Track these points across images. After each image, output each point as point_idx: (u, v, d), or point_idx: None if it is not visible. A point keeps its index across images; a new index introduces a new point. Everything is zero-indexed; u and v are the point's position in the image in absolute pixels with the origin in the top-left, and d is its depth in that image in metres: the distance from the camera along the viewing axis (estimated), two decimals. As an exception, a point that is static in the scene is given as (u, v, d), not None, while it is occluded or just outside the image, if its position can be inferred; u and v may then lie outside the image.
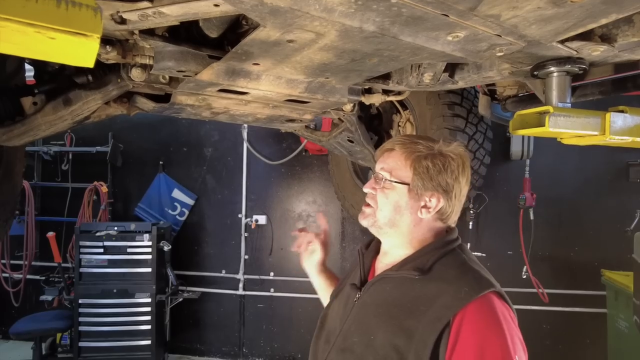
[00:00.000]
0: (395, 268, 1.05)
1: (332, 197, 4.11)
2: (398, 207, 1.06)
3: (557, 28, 0.89)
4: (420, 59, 1.15)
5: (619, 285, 3.09)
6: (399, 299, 0.98)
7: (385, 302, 1.01)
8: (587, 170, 3.89)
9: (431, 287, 0.95)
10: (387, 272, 1.06)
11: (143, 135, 4.69)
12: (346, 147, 2.36)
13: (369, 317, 1.02)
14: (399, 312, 0.96)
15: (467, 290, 0.91)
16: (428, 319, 0.90)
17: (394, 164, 1.07)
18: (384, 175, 1.07)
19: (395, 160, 1.07)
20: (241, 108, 1.66)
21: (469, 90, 2.19)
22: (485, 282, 0.94)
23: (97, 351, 3.87)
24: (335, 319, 1.14)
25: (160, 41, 1.19)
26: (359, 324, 1.03)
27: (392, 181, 1.06)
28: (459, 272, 0.97)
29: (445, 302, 0.90)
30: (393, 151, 1.09)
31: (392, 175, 1.06)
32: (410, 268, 1.00)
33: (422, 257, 1.02)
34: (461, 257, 1.02)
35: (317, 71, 1.27)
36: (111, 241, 3.92)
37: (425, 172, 1.03)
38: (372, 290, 1.07)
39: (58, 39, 0.52)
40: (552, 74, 1.22)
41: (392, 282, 1.03)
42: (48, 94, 1.53)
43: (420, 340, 0.89)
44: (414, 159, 1.05)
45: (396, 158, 1.07)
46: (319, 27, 0.91)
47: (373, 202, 1.09)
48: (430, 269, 0.99)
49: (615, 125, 1.17)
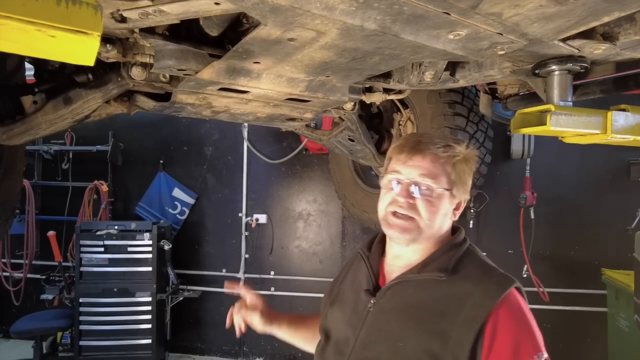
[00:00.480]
0: (415, 270, 1.01)
1: (332, 196, 4.10)
2: (444, 215, 1.03)
3: (559, 26, 0.89)
4: (422, 57, 1.14)
5: (620, 284, 3.09)
6: (425, 301, 0.96)
7: (409, 306, 0.97)
8: (587, 169, 3.89)
9: (458, 287, 0.94)
10: (406, 275, 1.02)
11: (143, 134, 4.68)
12: (347, 146, 2.36)
13: (393, 323, 0.98)
14: (427, 315, 0.94)
15: (495, 288, 0.92)
16: (462, 319, 0.89)
17: (434, 170, 1.00)
18: (426, 183, 0.99)
19: (433, 165, 1.00)
20: (242, 107, 1.65)
21: (470, 89, 2.19)
22: (509, 279, 0.96)
23: (98, 350, 3.87)
24: (343, 327, 1.07)
25: (160, 40, 1.19)
26: (381, 331, 0.98)
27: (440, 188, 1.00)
28: (482, 270, 0.98)
29: (476, 301, 0.90)
30: (428, 154, 1.01)
31: (436, 182, 1.00)
32: (434, 269, 0.98)
33: (441, 257, 1.01)
34: (478, 255, 1.04)
35: (317, 70, 1.27)
36: (111, 240, 3.92)
37: (461, 176, 1.03)
38: (391, 295, 1.02)
39: (58, 37, 0.51)
40: (554, 73, 1.22)
41: (413, 285, 1.00)
42: (48, 93, 1.53)
43: (456, 342, 0.87)
44: (453, 163, 1.02)
45: (435, 162, 1.00)
46: (320, 25, 0.90)
47: (414, 213, 1.00)
48: (453, 269, 0.98)
49: (617, 123, 1.17)
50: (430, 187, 0.99)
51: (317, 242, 4.43)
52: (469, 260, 1.01)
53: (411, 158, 1.01)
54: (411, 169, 1.01)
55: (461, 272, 0.98)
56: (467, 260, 1.01)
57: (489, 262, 1.02)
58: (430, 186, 0.99)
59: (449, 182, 1.01)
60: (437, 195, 1.00)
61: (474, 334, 0.87)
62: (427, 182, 0.99)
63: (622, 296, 3.07)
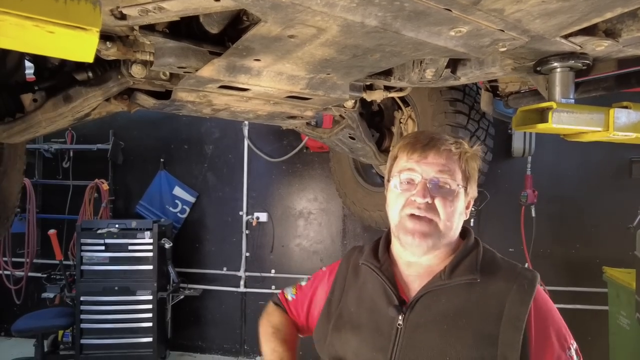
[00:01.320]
0: (445, 277, 0.94)
1: (333, 195, 4.10)
2: (460, 214, 0.98)
3: (562, 22, 0.88)
4: (423, 54, 1.14)
5: (621, 283, 3.08)
6: (462, 307, 0.91)
7: (446, 315, 0.91)
8: (589, 167, 3.88)
9: (492, 288, 0.91)
10: (435, 283, 0.94)
11: (144, 132, 4.68)
12: (347, 144, 2.36)
13: (433, 336, 0.90)
14: (469, 321, 0.89)
15: (528, 282, 0.91)
16: (507, 319, 0.87)
17: (451, 166, 0.95)
18: (445, 179, 0.94)
19: (450, 162, 0.96)
20: (242, 105, 1.65)
21: (471, 86, 2.18)
22: (533, 272, 0.96)
23: (99, 348, 3.88)
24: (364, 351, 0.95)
25: (160, 37, 1.18)
26: (422, 349, 0.89)
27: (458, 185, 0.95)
28: (508, 267, 0.97)
29: (515, 299, 0.89)
30: (443, 151, 0.96)
31: (454, 179, 0.95)
32: (464, 273, 0.94)
33: (465, 260, 0.96)
34: (494, 253, 1.02)
35: (318, 67, 1.26)
36: (112, 239, 3.92)
37: (473, 173, 1.00)
38: (421, 307, 0.94)
39: (57, 32, 0.51)
40: (556, 70, 1.21)
41: (445, 292, 0.93)
42: (48, 91, 1.53)
43: (506, 343, 0.84)
44: (466, 159, 0.98)
45: (450, 158, 0.96)
46: (320, 22, 0.90)
47: (433, 214, 0.93)
48: (482, 270, 0.94)
49: (619, 121, 1.16)
50: (449, 184, 0.95)
51: (317, 241, 4.43)
52: (490, 259, 0.99)
53: (426, 156, 0.96)
54: (427, 166, 0.95)
55: (489, 271, 0.95)
56: (489, 259, 0.98)
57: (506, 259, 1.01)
58: (449, 183, 0.95)
59: (464, 179, 0.98)
60: (455, 192, 0.95)
61: (522, 332, 0.85)
62: (445, 179, 0.94)
63: (623, 294, 3.06)
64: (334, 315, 1.05)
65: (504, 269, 0.96)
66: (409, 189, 0.96)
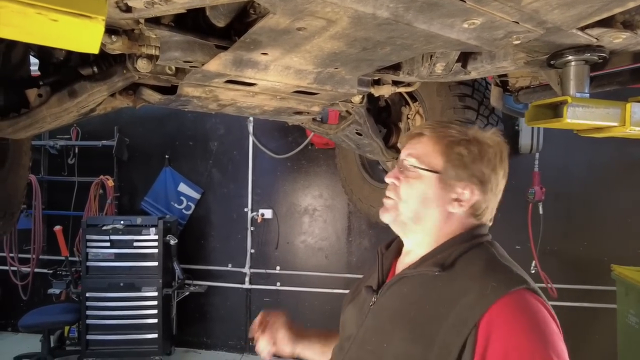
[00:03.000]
0: (413, 266, 0.93)
1: (338, 191, 4.08)
2: (425, 199, 0.93)
3: (581, 12, 0.85)
4: (434, 47, 1.11)
5: (630, 281, 3.04)
6: (419, 300, 0.86)
7: (403, 305, 0.89)
8: (598, 164, 3.84)
9: (454, 286, 0.82)
10: (405, 272, 0.94)
11: (149, 129, 4.68)
12: (354, 140, 2.33)
13: (385, 322, 0.90)
14: (417, 315, 0.84)
15: (494, 286, 0.78)
16: (451, 322, 0.77)
17: (422, 150, 0.94)
18: (410, 161, 0.95)
19: (423, 146, 0.95)
20: (248, 100, 1.63)
21: (480, 81, 2.14)
22: (517, 277, 0.81)
23: (105, 344, 3.90)
24: (351, 325, 1.02)
25: (166, 30, 1.16)
26: (374, 331, 0.91)
27: (419, 168, 0.93)
28: (486, 267, 0.84)
29: (469, 301, 0.78)
30: (422, 136, 0.96)
31: (419, 162, 0.93)
32: (429, 265, 0.89)
33: (444, 251, 0.90)
34: (490, 251, 0.90)
35: (327, 61, 1.24)
36: (117, 235, 3.93)
37: (458, 159, 0.91)
38: (390, 293, 0.94)
39: (60, 21, 0.49)
40: (570, 63, 1.18)
41: (410, 282, 0.91)
42: (53, 86, 1.51)
43: (442, 347, 0.77)
44: (446, 144, 0.93)
45: (425, 143, 0.95)
46: (330, 13, 0.87)
47: (395, 194, 0.96)
48: (452, 264, 0.86)
49: (637, 115, 1.13)
50: (413, 166, 0.94)
51: (322, 238, 4.42)
52: (476, 256, 0.88)
53: (409, 141, 1.00)
54: (404, 151, 0.99)
55: (461, 268, 0.85)
56: (474, 256, 0.88)
57: (502, 261, 0.87)
58: (414, 165, 0.94)
59: (438, 164, 0.92)
60: (416, 175, 0.94)
61: (463, 340, 0.75)
62: (410, 160, 0.95)
63: (632, 293, 3.03)
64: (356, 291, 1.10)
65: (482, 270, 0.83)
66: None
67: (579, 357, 3.76)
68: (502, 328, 0.74)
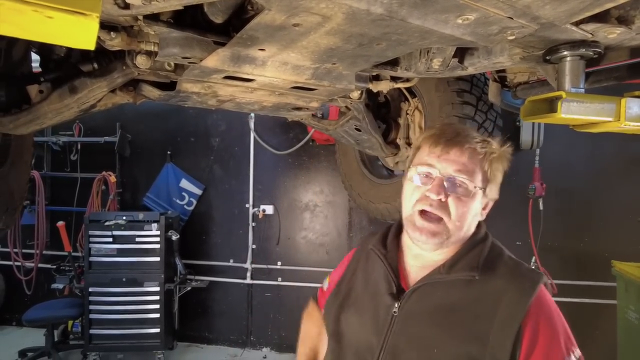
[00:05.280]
0: (444, 271, 0.94)
1: (339, 187, 4.09)
2: (474, 216, 0.96)
3: (573, 8, 0.86)
4: (429, 43, 1.12)
5: (630, 277, 3.05)
6: (457, 303, 0.90)
7: (439, 309, 0.92)
8: (598, 160, 3.83)
9: (491, 286, 0.90)
10: (434, 276, 0.95)
11: (150, 125, 4.70)
12: (353, 136, 2.34)
13: (424, 328, 0.91)
14: (462, 317, 0.89)
15: (529, 285, 0.89)
16: (500, 319, 0.85)
17: (471, 166, 0.93)
18: (462, 179, 0.93)
19: (471, 161, 0.94)
20: (247, 96, 1.64)
21: (479, 77, 2.15)
22: (539, 273, 0.93)
23: (108, 338, 3.93)
24: (364, 335, 0.99)
25: (165, 27, 1.17)
26: (412, 338, 0.92)
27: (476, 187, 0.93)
28: (511, 266, 0.94)
29: (512, 299, 0.86)
30: (467, 149, 0.94)
31: (472, 180, 0.93)
32: (464, 269, 0.93)
33: (468, 255, 0.95)
34: (502, 250, 0.99)
35: (323, 57, 1.25)
36: (120, 230, 3.96)
37: (496, 174, 0.98)
38: (417, 298, 0.95)
39: (56, 18, 0.50)
40: (566, 59, 1.18)
41: (442, 286, 0.94)
42: (54, 82, 1.53)
43: (496, 344, 0.84)
44: (491, 160, 0.96)
45: (472, 158, 0.94)
46: (325, 9, 0.88)
47: (444, 213, 0.92)
48: (483, 267, 0.93)
49: (631, 111, 1.13)
50: (466, 185, 0.93)
51: (323, 233, 4.43)
52: (496, 256, 0.96)
53: (448, 152, 0.94)
54: (447, 163, 0.93)
55: (491, 269, 0.93)
56: (494, 256, 0.96)
57: (513, 257, 0.98)
58: (466, 183, 0.93)
59: (484, 180, 0.96)
60: (471, 194, 0.93)
61: (514, 334, 0.83)
62: (463, 178, 0.93)
63: (632, 288, 3.03)
64: (342, 293, 1.09)
65: (507, 268, 0.93)
66: (425, 184, 0.95)
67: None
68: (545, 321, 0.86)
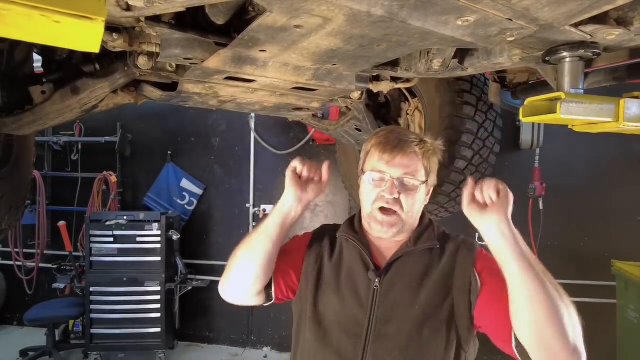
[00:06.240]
0: (410, 245, 1.16)
1: (339, 187, 4.10)
2: (421, 204, 1.18)
3: (571, 10, 0.87)
4: (430, 44, 1.13)
5: (630, 276, 3.06)
6: (427, 267, 1.13)
7: (414, 274, 1.12)
8: (598, 160, 3.83)
9: (446, 249, 1.15)
10: (404, 250, 1.15)
11: (151, 125, 4.71)
12: (354, 136, 2.35)
13: (404, 292, 1.10)
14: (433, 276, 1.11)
15: (470, 243, 1.17)
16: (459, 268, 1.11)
17: (415, 166, 1.13)
18: (409, 179, 1.12)
19: (413, 162, 1.13)
20: (248, 96, 1.65)
21: (479, 77, 2.15)
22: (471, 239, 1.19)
23: (109, 338, 3.94)
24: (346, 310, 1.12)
25: (166, 28, 1.18)
26: (395, 303, 1.09)
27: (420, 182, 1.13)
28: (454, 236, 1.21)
29: (463, 254, 1.13)
30: (409, 153, 1.13)
31: (416, 177, 1.13)
32: (426, 241, 1.16)
33: (425, 232, 1.19)
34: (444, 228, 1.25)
35: (324, 58, 1.26)
36: (121, 230, 3.97)
37: (433, 166, 1.18)
38: (394, 270, 1.14)
39: (63, 22, 0.51)
40: (565, 60, 1.19)
41: (412, 257, 1.15)
42: (56, 83, 1.54)
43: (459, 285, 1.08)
44: (429, 157, 1.16)
45: (414, 159, 1.13)
46: (326, 11, 0.89)
47: (398, 208, 1.13)
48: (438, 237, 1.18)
49: (630, 111, 1.14)
50: (412, 182, 1.13)
51: (324, 233, 4.43)
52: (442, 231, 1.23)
53: (394, 157, 1.12)
54: (395, 168, 1.12)
55: (443, 239, 1.19)
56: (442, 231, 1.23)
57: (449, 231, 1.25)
58: (412, 181, 1.12)
59: (426, 174, 1.15)
60: (417, 188, 1.14)
61: (470, 275, 1.09)
62: (410, 178, 1.12)
63: (632, 288, 3.04)
64: (311, 278, 1.21)
65: (453, 238, 1.20)
66: (379, 185, 1.14)
67: (578, 351, 3.78)
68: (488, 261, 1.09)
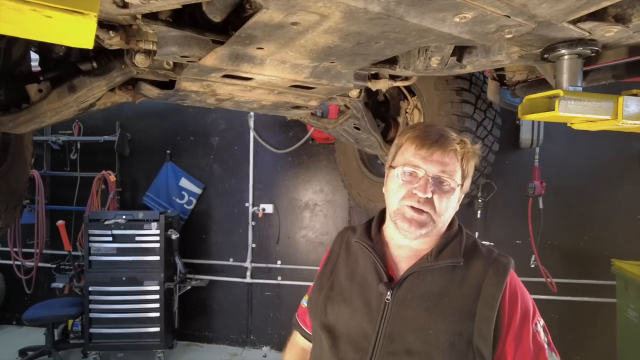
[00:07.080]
0: (431, 259, 1.04)
1: (338, 186, 4.10)
2: (452, 210, 1.07)
3: (569, 6, 0.86)
4: (427, 41, 1.12)
5: (630, 275, 3.05)
6: (445, 287, 1.01)
7: (430, 293, 1.01)
8: (598, 158, 3.83)
9: (472, 270, 1.02)
10: (422, 264, 1.04)
11: (150, 124, 4.70)
12: (353, 135, 2.34)
13: (417, 312, 0.99)
14: (451, 299, 0.99)
15: (503, 266, 1.02)
16: (483, 298, 0.97)
17: (453, 166, 1.03)
18: (446, 179, 1.01)
19: (453, 161, 1.03)
20: (246, 94, 1.64)
21: (478, 75, 2.15)
22: (507, 258, 1.05)
23: (108, 337, 3.94)
24: (357, 323, 1.04)
25: (163, 26, 1.17)
26: (407, 322, 0.99)
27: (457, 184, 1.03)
28: (485, 253, 1.06)
29: (492, 281, 0.99)
30: (449, 150, 1.03)
31: (453, 179, 1.02)
32: (449, 256, 1.04)
33: (450, 244, 1.06)
34: (475, 239, 1.11)
35: (322, 55, 1.25)
36: (120, 230, 3.96)
37: (470, 171, 1.07)
38: (408, 285, 1.03)
39: (54, 17, 0.50)
40: (563, 57, 1.18)
41: (430, 273, 1.03)
42: (53, 81, 1.54)
43: (482, 318, 0.95)
44: (468, 159, 1.06)
45: (453, 158, 1.03)
46: (322, 8, 0.89)
47: (430, 208, 1.01)
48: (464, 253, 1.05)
49: (629, 109, 1.13)
50: (448, 183, 1.02)
51: (323, 232, 4.44)
52: (472, 245, 1.08)
53: (432, 153, 1.02)
54: (432, 164, 1.01)
55: (470, 256, 1.05)
56: (471, 245, 1.08)
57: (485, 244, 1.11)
58: (448, 182, 1.02)
59: (462, 177, 1.05)
60: (452, 190, 1.03)
61: (496, 310, 0.95)
62: (446, 177, 1.01)
63: (632, 287, 3.04)
64: (325, 286, 1.14)
65: (482, 255, 1.06)
66: (411, 182, 1.03)
67: (578, 351, 3.78)
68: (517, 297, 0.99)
